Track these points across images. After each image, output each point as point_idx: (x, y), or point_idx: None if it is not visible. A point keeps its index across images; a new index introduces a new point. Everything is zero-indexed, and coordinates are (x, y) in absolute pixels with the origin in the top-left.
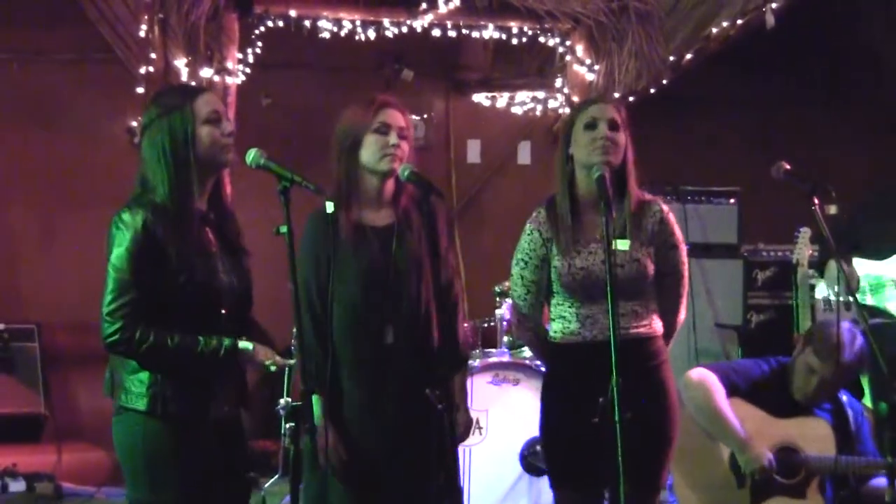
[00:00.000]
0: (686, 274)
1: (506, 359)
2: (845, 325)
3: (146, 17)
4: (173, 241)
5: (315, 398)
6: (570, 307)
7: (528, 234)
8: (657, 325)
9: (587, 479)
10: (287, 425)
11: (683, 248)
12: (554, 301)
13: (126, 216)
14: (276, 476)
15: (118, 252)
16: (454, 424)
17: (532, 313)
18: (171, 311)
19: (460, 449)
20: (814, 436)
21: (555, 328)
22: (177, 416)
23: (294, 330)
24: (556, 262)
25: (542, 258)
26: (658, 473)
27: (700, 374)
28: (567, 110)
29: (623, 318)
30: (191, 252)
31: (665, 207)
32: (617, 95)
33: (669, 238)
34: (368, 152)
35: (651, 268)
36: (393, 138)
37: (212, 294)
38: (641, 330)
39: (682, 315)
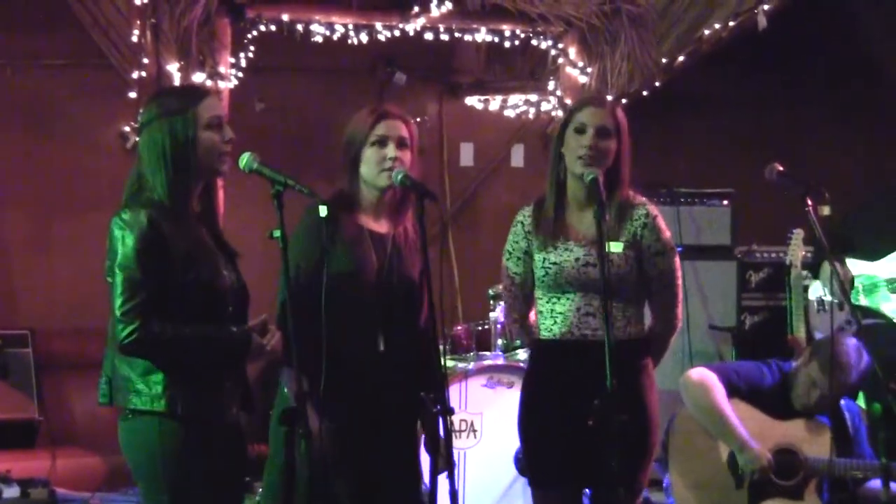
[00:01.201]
0: (678, 281)
1: (500, 361)
2: (853, 342)
3: (139, 22)
4: (179, 239)
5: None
6: (546, 302)
7: (514, 227)
8: (633, 330)
9: (563, 478)
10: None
11: (674, 255)
12: (536, 295)
13: (127, 216)
14: None
15: (125, 251)
16: (449, 428)
17: (517, 305)
18: (180, 310)
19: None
20: (812, 438)
21: (536, 323)
22: (194, 417)
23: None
24: (535, 254)
25: (525, 251)
26: (636, 477)
27: (700, 373)
28: (560, 113)
29: (595, 318)
30: (195, 250)
31: (653, 212)
32: (609, 98)
33: (654, 243)
34: (367, 167)
35: (629, 270)
36: (391, 151)
37: (217, 292)
38: (617, 333)
39: (677, 323)
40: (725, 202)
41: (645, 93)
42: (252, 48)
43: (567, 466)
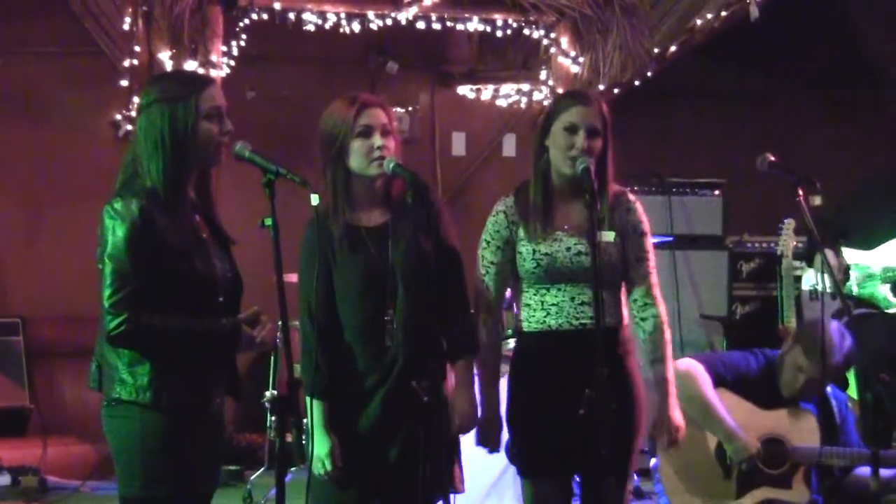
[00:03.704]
0: (652, 260)
1: None
2: (834, 325)
3: (130, 10)
4: (170, 229)
5: (316, 404)
6: (534, 294)
7: (494, 216)
8: (624, 316)
9: (555, 467)
10: (272, 418)
11: (650, 238)
12: (520, 288)
13: (118, 205)
14: (262, 469)
15: (115, 241)
16: (444, 416)
17: (492, 295)
18: (170, 301)
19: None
20: (799, 427)
21: (522, 316)
22: (180, 408)
23: (280, 323)
24: (521, 247)
25: (506, 241)
26: (626, 463)
27: (686, 363)
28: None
29: (589, 307)
30: (187, 240)
31: (632, 197)
32: (601, 88)
33: (638, 226)
34: (356, 159)
35: (620, 258)
36: (377, 140)
37: (209, 282)
38: (608, 320)
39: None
40: (717, 192)
41: (637, 83)
42: (244, 36)
43: (558, 455)
